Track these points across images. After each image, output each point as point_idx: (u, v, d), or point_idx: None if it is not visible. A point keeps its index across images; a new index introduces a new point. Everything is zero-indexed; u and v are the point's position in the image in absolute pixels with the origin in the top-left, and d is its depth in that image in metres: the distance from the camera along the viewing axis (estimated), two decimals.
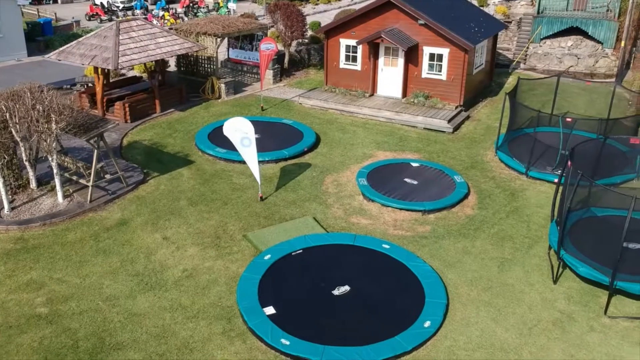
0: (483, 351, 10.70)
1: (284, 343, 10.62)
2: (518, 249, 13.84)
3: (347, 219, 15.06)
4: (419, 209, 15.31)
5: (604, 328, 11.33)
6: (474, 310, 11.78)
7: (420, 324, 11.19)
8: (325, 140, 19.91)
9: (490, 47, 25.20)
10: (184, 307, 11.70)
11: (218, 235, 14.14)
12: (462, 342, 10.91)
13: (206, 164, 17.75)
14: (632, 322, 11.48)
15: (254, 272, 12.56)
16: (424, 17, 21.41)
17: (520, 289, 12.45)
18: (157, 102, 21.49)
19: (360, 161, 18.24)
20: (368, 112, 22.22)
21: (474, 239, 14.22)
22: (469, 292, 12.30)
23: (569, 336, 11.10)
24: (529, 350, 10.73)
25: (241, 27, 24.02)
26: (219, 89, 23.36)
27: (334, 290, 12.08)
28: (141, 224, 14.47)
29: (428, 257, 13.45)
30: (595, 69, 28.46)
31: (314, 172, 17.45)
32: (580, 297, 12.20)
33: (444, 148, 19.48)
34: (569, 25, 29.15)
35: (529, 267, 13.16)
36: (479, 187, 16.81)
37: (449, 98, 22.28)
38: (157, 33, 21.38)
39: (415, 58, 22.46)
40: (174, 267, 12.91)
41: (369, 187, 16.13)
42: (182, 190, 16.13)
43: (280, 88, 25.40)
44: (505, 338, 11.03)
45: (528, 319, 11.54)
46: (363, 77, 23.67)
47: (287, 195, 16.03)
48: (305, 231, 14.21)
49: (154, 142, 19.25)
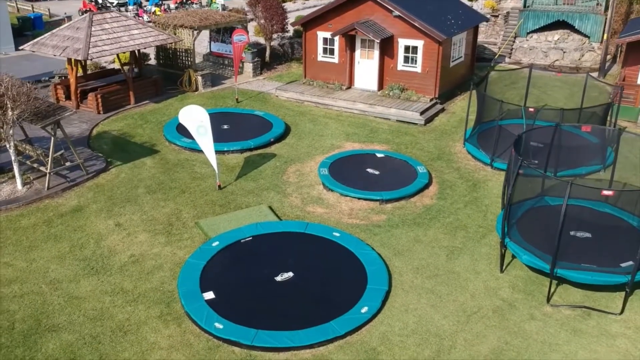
0: (417, 337, 10.62)
1: (218, 327, 10.61)
2: (470, 238, 13.73)
3: (303, 207, 15.03)
4: (377, 199, 15.25)
5: (545, 316, 11.20)
6: (415, 297, 11.70)
7: (357, 309, 11.13)
8: (295, 131, 19.89)
9: (470, 40, 25.03)
10: (126, 291, 11.74)
11: (171, 222, 14.18)
12: (397, 327, 10.84)
13: (171, 154, 17.82)
14: (573, 310, 11.34)
15: (199, 258, 12.57)
16: (398, 8, 21.31)
17: (466, 277, 12.34)
18: (131, 93, 21.60)
19: (327, 152, 18.20)
20: (343, 105, 22.17)
21: (427, 228, 14.12)
22: (413, 280, 12.22)
23: (507, 324, 10.99)
24: (464, 337, 10.64)
25: (219, 19, 24.08)
26: (195, 81, 23.44)
27: (277, 277, 12.08)
28: (96, 210, 14.56)
29: (378, 245, 13.39)
30: (580, 62, 28.16)
31: (277, 162, 17.45)
32: (525, 285, 12.07)
33: (413, 140, 19.37)
34: (555, 19, 28.89)
35: (478, 255, 13.05)
36: (442, 178, 16.69)
37: (424, 91, 22.16)
38: (131, 25, 21.49)
39: (391, 50, 22.37)
40: (121, 253, 12.96)
41: (330, 177, 16.08)
42: (142, 178, 16.20)
43: (260, 81, 25.41)
44: (442, 325, 10.94)
45: (468, 307, 11.44)
46: (340, 70, 23.61)
47: (246, 185, 16.04)
48: (258, 219, 14.20)
49: (123, 133, 19.36)
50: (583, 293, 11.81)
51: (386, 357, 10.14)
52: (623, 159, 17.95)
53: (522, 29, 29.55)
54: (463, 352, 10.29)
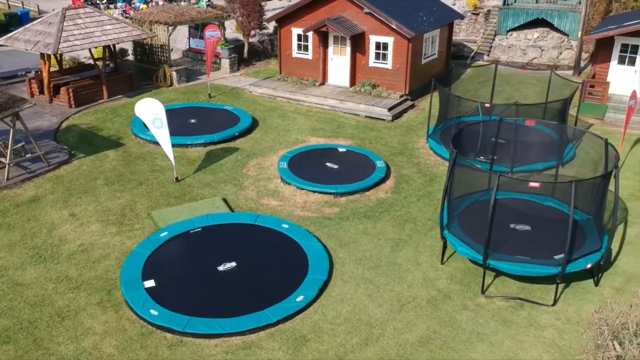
0: (348, 325, 10.81)
1: (153, 314, 10.84)
2: (418, 231, 13.90)
3: (258, 200, 15.24)
4: (331, 192, 15.44)
5: (477, 307, 11.36)
6: (354, 287, 11.88)
7: (293, 299, 11.33)
8: (263, 126, 20.10)
9: (445, 38, 25.16)
10: (70, 279, 11.98)
11: (124, 213, 14.42)
12: (330, 316, 11.03)
13: (135, 147, 18.07)
14: (507, 301, 11.49)
15: (146, 248, 12.80)
16: (368, 5, 21.48)
17: (407, 268, 12.52)
18: (104, 88, 21.88)
19: (291, 146, 18.39)
20: (314, 101, 22.36)
21: (376, 221, 14.30)
22: (354, 270, 12.40)
23: (439, 313, 11.16)
24: (394, 326, 10.81)
25: (194, 16, 24.32)
26: (170, 76, 23.69)
27: (219, 267, 12.31)
28: (52, 201, 14.82)
29: (326, 237, 13.58)
30: (559, 60, 28.21)
31: (239, 156, 17.66)
32: (463, 277, 12.23)
33: (378, 135, 19.54)
34: (535, 16, 28.94)
35: (422, 248, 13.21)
36: (400, 172, 16.86)
37: (394, 87, 22.31)
38: (104, 21, 21.76)
39: (363, 47, 22.54)
40: (72, 242, 13.21)
41: (288, 171, 16.28)
42: (102, 170, 16.45)
43: (236, 77, 25.64)
44: (375, 314, 11.12)
45: (404, 297, 11.61)
46: (314, 66, 23.80)
47: (204, 177, 16.27)
48: (210, 211, 14.42)
49: (92, 126, 19.62)
50: (519, 285, 11.97)
51: (314, 344, 10.34)
52: (584, 154, 18.19)
53: (502, 27, 29.62)
54: (390, 339, 10.47)
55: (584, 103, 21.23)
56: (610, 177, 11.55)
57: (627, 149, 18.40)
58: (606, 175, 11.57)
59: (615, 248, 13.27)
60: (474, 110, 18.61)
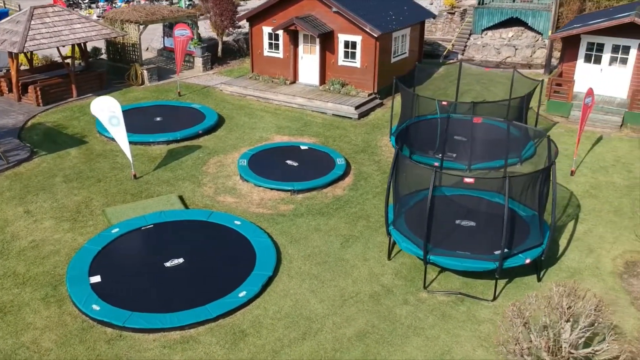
0: (288, 320, 10.91)
1: (94, 309, 10.93)
2: (370, 227, 14.01)
3: (214, 197, 15.34)
4: (288, 189, 15.55)
5: (418, 302, 11.48)
6: (298, 282, 11.99)
7: (236, 294, 11.43)
8: (229, 124, 20.20)
9: (416, 36, 25.29)
10: (17, 274, 12.05)
11: (79, 210, 14.50)
12: (271, 311, 11.14)
13: (98, 145, 18.14)
14: (448, 296, 11.61)
15: (96, 244, 12.88)
16: (335, 4, 21.59)
17: (354, 263, 12.63)
18: (74, 86, 21.94)
19: (254, 144, 18.48)
20: (283, 99, 22.46)
21: (330, 218, 14.41)
22: (301, 266, 12.51)
23: (380, 308, 11.27)
24: (333, 321, 10.92)
25: (166, 14, 24.40)
26: (141, 75, 23.76)
27: (166, 262, 12.40)
28: (8, 198, 14.88)
29: (278, 234, 13.68)
30: (532, 59, 28.39)
31: (201, 153, 17.75)
32: (408, 272, 12.35)
33: (343, 133, 19.65)
34: (509, 16, 29.13)
35: (371, 244, 13.33)
36: (360, 170, 16.98)
37: (363, 86, 22.44)
38: (74, 20, 21.82)
39: (332, 46, 22.65)
40: (23, 238, 13.28)
41: (247, 168, 16.38)
42: (62, 168, 16.52)
43: (209, 76, 25.73)
44: (316, 309, 11.23)
45: (347, 292, 11.72)
46: (285, 65, 23.90)
47: (163, 175, 16.35)
48: (164, 208, 14.50)
49: (57, 124, 19.69)
50: (463, 280, 12.10)
51: (252, 339, 10.44)
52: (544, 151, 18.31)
53: (477, 26, 29.79)
54: (328, 334, 10.58)
55: (550, 101, 21.41)
56: (548, 172, 11.66)
57: (589, 146, 18.57)
58: (542, 171, 11.68)
59: (563, 244, 13.42)
60: (435, 110, 18.74)
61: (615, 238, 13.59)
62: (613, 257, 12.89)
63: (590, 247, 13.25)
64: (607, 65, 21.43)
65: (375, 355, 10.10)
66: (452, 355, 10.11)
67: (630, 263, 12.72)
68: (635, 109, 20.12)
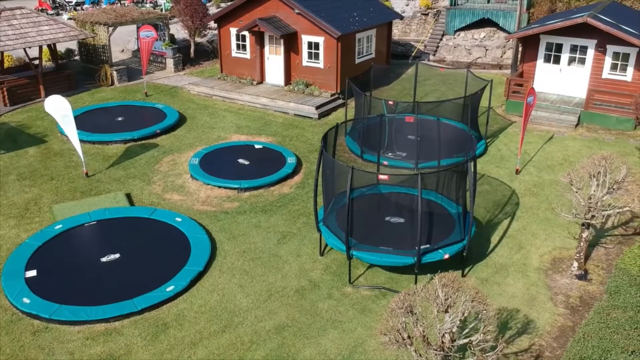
0: (211, 314, 11.23)
1: (25, 302, 11.30)
2: (308, 224, 14.30)
3: (162, 195, 15.68)
4: (235, 187, 15.88)
5: (342, 296, 11.78)
6: (229, 277, 12.31)
7: (164, 288, 11.77)
8: (189, 123, 20.56)
9: (383, 37, 25.58)
10: None
11: (28, 207, 14.88)
12: (197, 305, 11.46)
13: (57, 144, 18.54)
14: (372, 291, 11.91)
15: (37, 240, 13.25)
16: (297, 5, 21.91)
17: (286, 259, 12.94)
18: (41, 87, 22.36)
19: (210, 143, 18.82)
20: (247, 99, 22.80)
21: (271, 215, 14.73)
22: (234, 262, 12.83)
23: (303, 302, 11.58)
24: (255, 314, 11.23)
25: (136, 16, 24.79)
26: (111, 76, 24.17)
27: (102, 258, 12.74)
28: None
29: (217, 230, 14.01)
30: (502, 60, 28.62)
31: (156, 152, 18.11)
32: (338, 268, 12.64)
33: (301, 133, 19.97)
34: (481, 16, 29.39)
35: (307, 241, 13.63)
36: (311, 169, 17.28)
37: (326, 86, 22.75)
38: (42, 22, 22.23)
39: (296, 47, 22.97)
40: None
41: (197, 167, 16.72)
42: (17, 166, 16.92)
43: (180, 76, 26.11)
44: (242, 303, 11.55)
45: (274, 287, 12.04)
46: (252, 66, 24.25)
47: (115, 173, 16.72)
48: (110, 205, 14.86)
49: (21, 124, 20.10)
50: (389, 275, 12.39)
51: (173, 331, 10.77)
52: (496, 150, 18.60)
53: (450, 27, 30.05)
54: (248, 327, 10.89)
55: (509, 101, 21.68)
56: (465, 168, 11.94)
57: (539, 145, 18.82)
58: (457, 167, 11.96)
59: (495, 241, 13.70)
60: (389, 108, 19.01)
61: (547, 235, 13.86)
62: (541, 254, 13.16)
63: (520, 244, 13.51)
64: (566, 65, 21.68)
65: (290, 348, 10.41)
66: (364, 347, 10.41)
67: (558, 259, 12.99)
68: (591, 108, 20.36)
